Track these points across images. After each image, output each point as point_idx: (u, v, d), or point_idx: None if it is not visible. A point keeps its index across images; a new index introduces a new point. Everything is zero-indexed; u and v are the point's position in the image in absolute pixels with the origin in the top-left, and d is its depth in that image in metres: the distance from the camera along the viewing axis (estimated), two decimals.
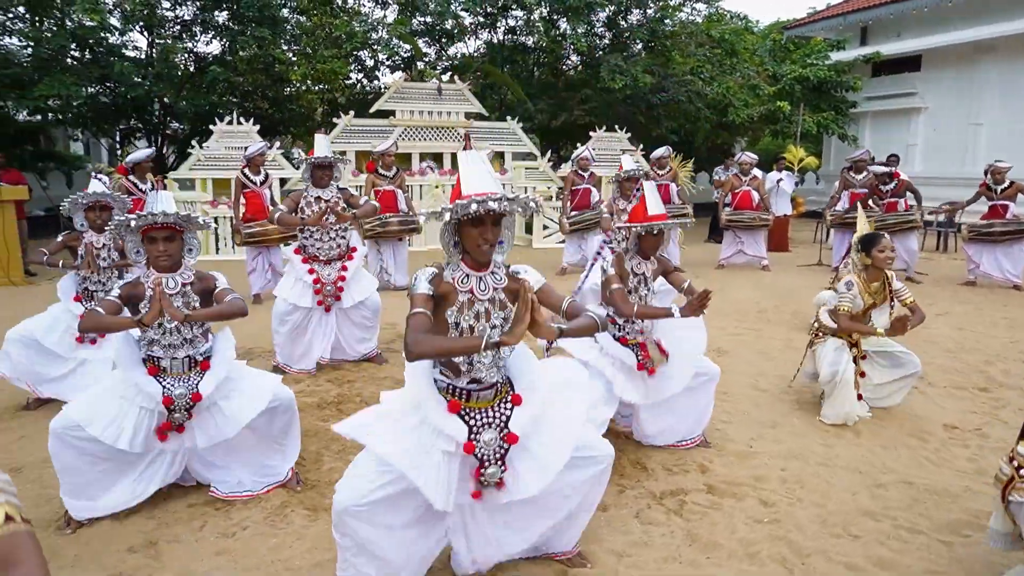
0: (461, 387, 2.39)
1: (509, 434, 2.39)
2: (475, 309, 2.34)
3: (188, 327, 3.09)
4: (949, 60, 15.77)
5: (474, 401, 2.40)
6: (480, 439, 2.34)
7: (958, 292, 8.47)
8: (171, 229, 3.05)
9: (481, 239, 2.26)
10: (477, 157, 2.35)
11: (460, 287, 2.33)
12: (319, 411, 4.42)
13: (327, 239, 5.05)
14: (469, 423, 2.35)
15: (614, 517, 3.12)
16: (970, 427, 4.18)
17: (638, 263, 3.55)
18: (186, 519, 3.09)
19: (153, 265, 3.08)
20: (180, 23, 13.14)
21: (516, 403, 2.44)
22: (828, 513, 3.17)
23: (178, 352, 3.09)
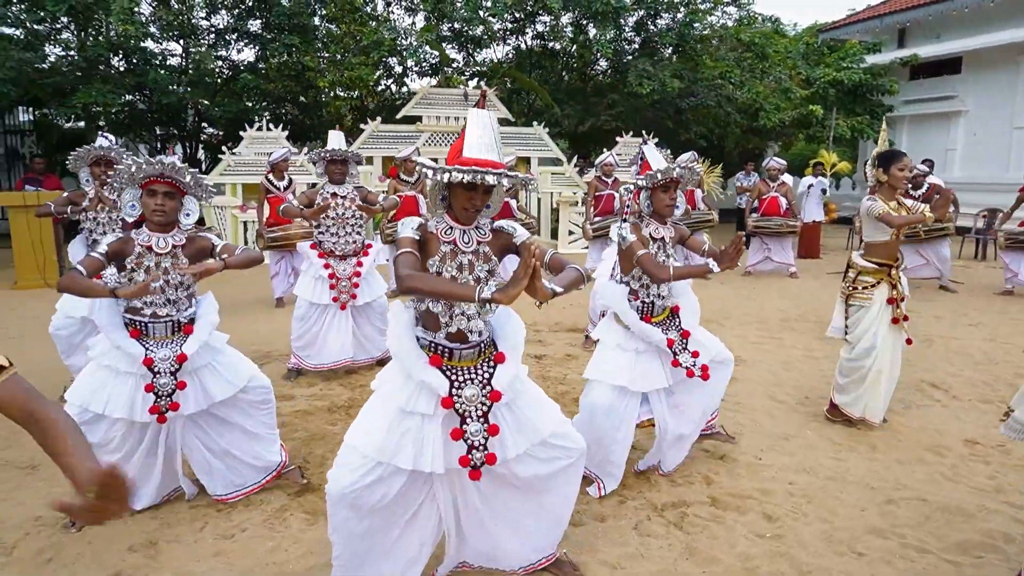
0: (442, 344, 2.37)
1: (492, 391, 2.37)
2: (458, 260, 2.34)
3: (173, 288, 3.06)
4: (990, 62, 15.31)
5: (456, 360, 2.38)
6: (462, 395, 2.33)
7: (993, 302, 8.19)
8: (172, 186, 3.03)
9: (468, 203, 2.29)
10: (487, 119, 2.32)
11: (443, 237, 2.34)
12: (328, 415, 4.46)
13: (343, 234, 5.11)
14: (451, 379, 2.34)
15: (612, 528, 3.08)
16: (993, 443, 4.03)
17: (655, 228, 3.38)
18: (188, 520, 3.14)
19: (147, 218, 3.03)
20: (215, 32, 13.46)
21: (499, 361, 2.43)
22: (834, 529, 3.08)
23: (161, 311, 3.05)
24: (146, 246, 3.02)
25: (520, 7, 13.06)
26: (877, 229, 4.08)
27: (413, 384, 2.32)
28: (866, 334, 4.09)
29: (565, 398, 4.75)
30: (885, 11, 17.41)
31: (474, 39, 14.22)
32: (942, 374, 5.30)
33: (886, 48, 17.35)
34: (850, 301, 4.15)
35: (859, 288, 4.11)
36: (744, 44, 14.15)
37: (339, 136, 5.25)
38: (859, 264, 4.14)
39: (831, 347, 6.11)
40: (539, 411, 2.53)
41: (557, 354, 5.83)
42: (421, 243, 2.29)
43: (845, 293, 4.19)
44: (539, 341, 6.26)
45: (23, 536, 2.97)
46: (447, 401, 2.30)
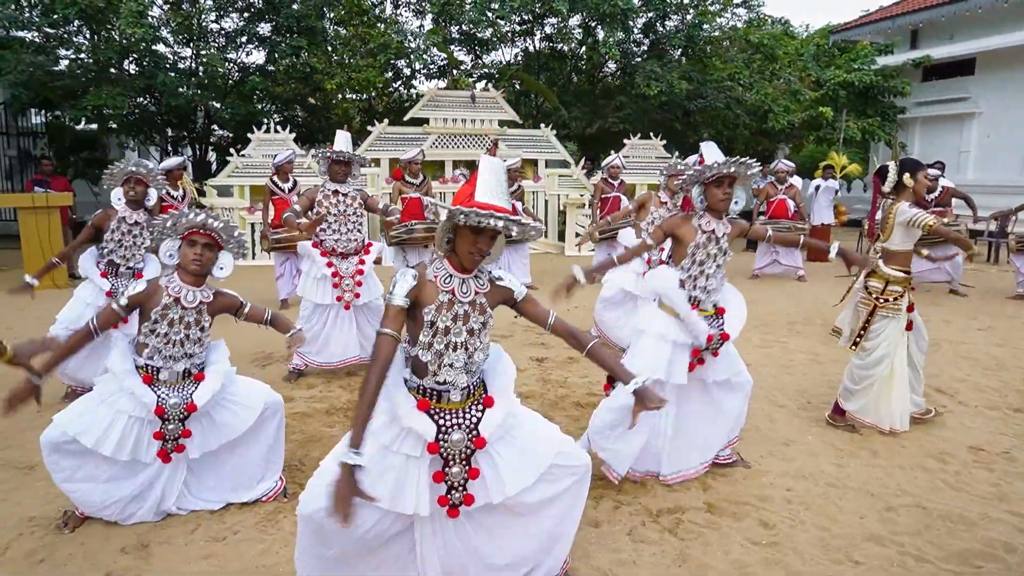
0: (431, 387, 2.35)
1: (477, 438, 2.35)
2: (454, 311, 2.31)
3: (191, 343, 3.10)
4: (1005, 63, 15.14)
5: (444, 402, 2.37)
6: (448, 439, 2.32)
7: (1005, 306, 8.08)
8: (212, 238, 3.08)
9: (474, 247, 2.27)
10: (499, 167, 2.35)
11: (442, 286, 2.31)
12: (327, 416, 4.46)
13: (344, 231, 5.11)
14: (438, 423, 2.33)
15: (606, 534, 3.05)
16: (997, 449, 3.96)
17: (707, 221, 3.32)
18: (181, 521, 3.13)
19: (183, 267, 3.07)
20: (224, 34, 13.54)
21: (488, 405, 2.41)
22: (831, 537, 3.04)
23: (177, 365, 3.09)
24: (175, 297, 3.04)
25: (528, 9, 13.05)
26: (908, 237, 4.00)
27: (398, 426, 2.30)
28: (884, 342, 4.03)
29: (565, 401, 4.73)
30: (897, 12, 17.27)
31: (482, 41, 14.23)
32: (949, 379, 5.23)
33: (898, 49, 17.21)
34: (879, 312, 4.04)
35: (890, 299, 4.02)
36: (753, 46, 14.07)
37: (346, 137, 5.26)
38: (889, 273, 4.03)
39: (835, 351, 6.04)
40: (538, 440, 2.48)
41: (559, 357, 5.80)
42: (416, 296, 2.28)
43: (872, 303, 4.06)
44: (541, 343, 6.23)
45: (16, 537, 2.98)
46: (433, 447, 2.30)
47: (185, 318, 3.06)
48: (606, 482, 3.51)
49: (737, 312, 3.51)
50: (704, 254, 3.32)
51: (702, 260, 3.32)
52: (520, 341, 6.32)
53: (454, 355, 2.32)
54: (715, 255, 3.33)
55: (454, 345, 2.32)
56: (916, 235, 3.98)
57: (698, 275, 3.33)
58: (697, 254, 3.31)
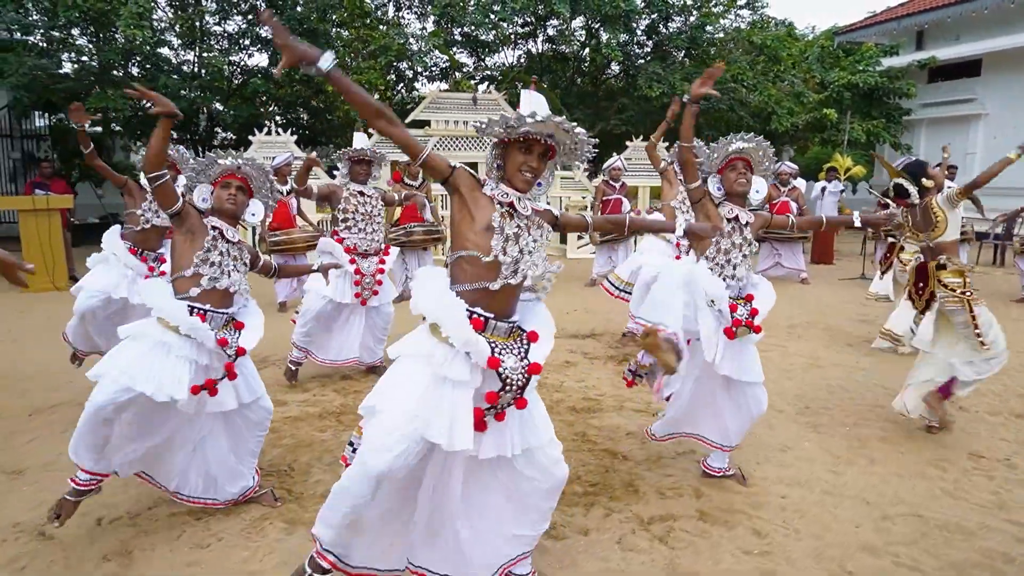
0: (480, 313, 2.28)
1: (531, 364, 2.31)
2: (517, 220, 2.31)
3: (242, 276, 3.11)
4: (1012, 64, 15.02)
5: (491, 333, 2.30)
6: (504, 362, 2.24)
7: (1010, 309, 7.99)
8: (245, 183, 3.12)
9: (525, 166, 2.28)
10: (540, 99, 2.34)
11: (500, 198, 2.30)
12: (319, 421, 4.42)
13: (369, 231, 5.13)
14: (491, 346, 2.26)
15: (595, 542, 3.00)
16: (998, 456, 3.89)
17: (730, 209, 3.27)
18: (166, 528, 3.10)
19: (218, 208, 3.06)
20: (227, 37, 13.57)
21: (532, 339, 2.38)
22: (825, 546, 2.98)
23: (231, 302, 3.11)
24: (219, 229, 3.03)
25: (530, 11, 13.02)
26: (955, 224, 4.11)
27: (446, 348, 2.20)
28: (995, 326, 4.03)
29: (560, 406, 4.68)
30: (903, 13, 17.16)
31: (484, 44, 14.21)
32: None
33: (904, 50, 17.10)
34: (975, 306, 3.99)
35: (971, 290, 4.04)
36: (757, 47, 14.00)
37: (363, 137, 5.29)
38: (961, 264, 4.10)
39: (836, 355, 5.99)
40: (541, 418, 2.49)
41: (556, 361, 5.75)
42: (469, 198, 2.27)
43: (960, 299, 4.01)
44: None
45: (0, 542, 2.95)
46: (494, 360, 2.21)
47: (231, 251, 3.07)
48: (597, 489, 3.47)
49: (765, 296, 3.37)
50: (729, 243, 3.25)
51: (727, 249, 3.25)
52: None
53: (531, 258, 2.33)
54: (740, 244, 3.26)
55: (528, 251, 2.32)
56: (959, 220, 4.12)
57: (724, 263, 3.27)
58: (722, 243, 3.24)
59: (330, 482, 3.54)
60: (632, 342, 6.15)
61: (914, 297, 4.41)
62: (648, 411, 4.58)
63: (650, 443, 4.05)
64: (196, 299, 2.97)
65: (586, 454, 3.89)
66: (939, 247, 4.15)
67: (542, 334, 2.41)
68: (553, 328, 2.47)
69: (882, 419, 4.46)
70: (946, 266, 4.09)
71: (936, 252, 4.16)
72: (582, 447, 3.98)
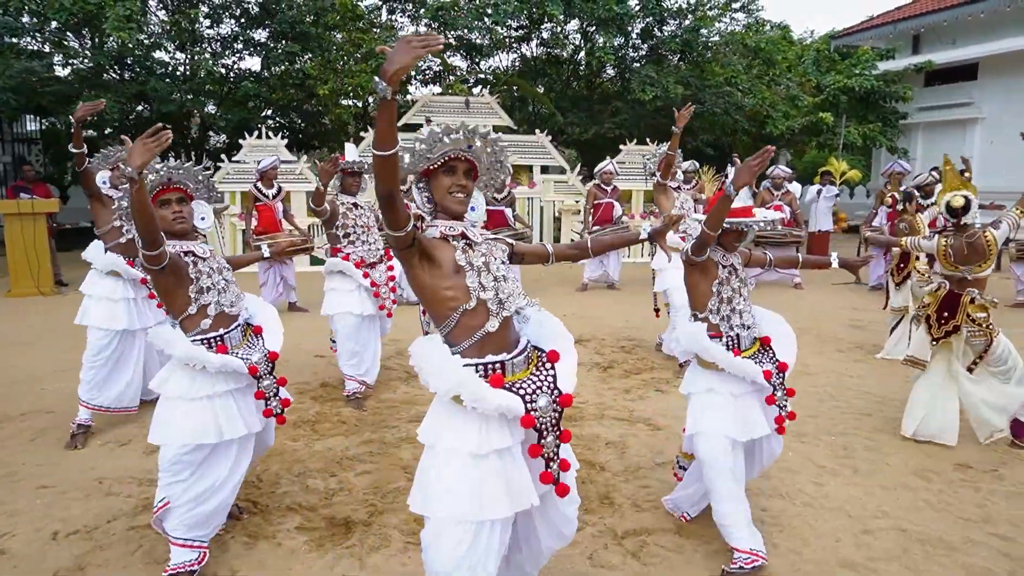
0: (491, 362, 2.08)
1: (562, 396, 2.12)
2: (478, 249, 2.13)
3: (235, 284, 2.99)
4: (1008, 68, 14.97)
5: (511, 374, 2.10)
6: (537, 407, 2.06)
7: (1004, 315, 7.89)
8: (182, 191, 2.87)
9: (454, 186, 2.10)
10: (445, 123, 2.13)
11: (450, 233, 2.12)
12: (293, 429, 4.32)
13: (371, 240, 5.02)
14: (519, 394, 2.05)
15: (565, 557, 2.90)
16: (985, 467, 3.79)
17: (723, 255, 3.04)
18: (122, 542, 3.00)
19: (170, 231, 2.81)
20: (220, 40, 13.51)
21: (553, 360, 2.18)
22: (802, 562, 2.88)
23: (240, 311, 2.97)
24: (191, 253, 2.83)
25: (523, 14, 12.97)
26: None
27: (476, 420, 2.04)
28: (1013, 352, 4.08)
29: None
30: (899, 16, 17.11)
31: (479, 47, 14.15)
32: None
33: (900, 54, 17.05)
34: (995, 339, 4.04)
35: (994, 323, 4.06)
36: (751, 50, 13.94)
37: (353, 148, 5.19)
38: (987, 301, 4.04)
39: (826, 362, 5.90)
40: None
41: None
42: (426, 252, 2.05)
43: (986, 334, 4.03)
44: None
45: None
46: (528, 419, 2.03)
47: (212, 266, 2.89)
48: None
49: (784, 338, 3.16)
50: (729, 290, 3.00)
51: (729, 296, 3.00)
52: None
53: (507, 286, 2.13)
54: (739, 288, 3.04)
55: (504, 277, 2.14)
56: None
57: (730, 313, 3.00)
58: (723, 291, 2.99)
59: (298, 494, 3.48)
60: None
61: (933, 325, 4.16)
62: (630, 420, 4.49)
63: (629, 453, 3.97)
64: (210, 330, 2.83)
65: None
66: (976, 281, 4.00)
67: (562, 349, 2.22)
68: (570, 336, 2.29)
69: (869, 428, 4.36)
70: (975, 300, 3.98)
71: (968, 284, 4.01)
72: None
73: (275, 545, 2.99)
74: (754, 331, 3.04)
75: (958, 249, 4.00)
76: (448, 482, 2.03)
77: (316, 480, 3.62)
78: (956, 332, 4.03)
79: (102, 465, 3.78)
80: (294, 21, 12.20)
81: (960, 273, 4.02)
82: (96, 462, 3.83)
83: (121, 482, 3.58)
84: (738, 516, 2.83)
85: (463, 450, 2.03)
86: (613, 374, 5.52)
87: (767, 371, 2.88)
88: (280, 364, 5.55)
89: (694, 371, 3.05)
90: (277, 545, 2.99)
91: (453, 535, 2.00)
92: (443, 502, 2.02)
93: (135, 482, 3.57)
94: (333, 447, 4.06)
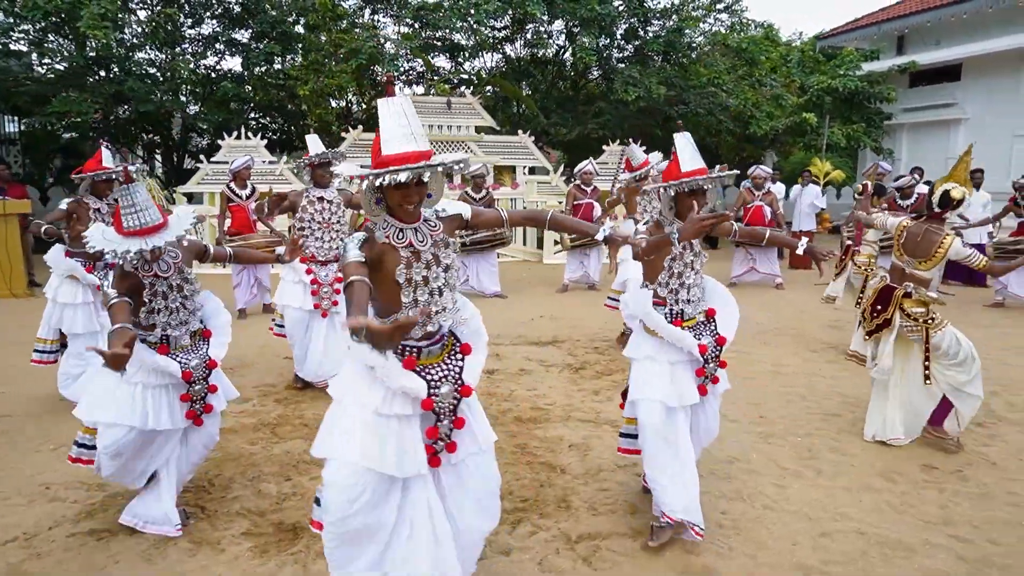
0: (412, 345, 2.23)
1: (463, 386, 2.29)
2: (423, 260, 2.21)
3: (192, 300, 3.07)
4: (991, 69, 15.01)
5: (426, 357, 2.25)
6: (439, 392, 2.22)
7: (983, 315, 7.88)
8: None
9: (405, 200, 2.15)
10: (398, 107, 2.10)
11: (398, 243, 2.19)
12: (252, 433, 4.24)
13: (327, 239, 4.98)
14: (426, 379, 2.21)
15: (514, 563, 2.83)
16: (951, 468, 3.75)
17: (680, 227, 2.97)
18: (61, 549, 2.92)
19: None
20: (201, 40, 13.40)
21: (466, 352, 2.33)
22: (756, 566, 2.82)
23: (191, 326, 3.07)
24: (151, 275, 2.93)
25: (505, 13, 12.91)
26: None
27: (384, 387, 2.16)
28: (963, 343, 3.88)
29: (506, 416, 4.51)
30: (884, 18, 17.15)
31: (462, 47, 14.09)
32: None
33: (885, 55, 17.08)
34: (934, 335, 3.86)
35: (935, 318, 3.89)
36: (733, 50, 13.92)
37: (316, 139, 5.19)
38: (928, 296, 3.89)
39: (800, 362, 5.85)
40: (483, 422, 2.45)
41: (511, 368, 5.59)
42: (373, 261, 2.13)
43: (922, 329, 3.88)
44: (496, 355, 6.01)
45: None
46: (427, 403, 2.19)
47: (173, 284, 2.98)
48: (528, 505, 3.31)
49: (728, 311, 3.15)
50: (681, 264, 3.00)
51: (680, 271, 3.00)
52: None
53: (442, 300, 2.25)
54: (691, 262, 3.03)
55: (439, 291, 2.24)
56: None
57: (678, 287, 3.01)
58: (674, 266, 2.99)
59: (249, 498, 3.40)
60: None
61: (866, 318, 4.13)
62: (596, 421, 4.42)
63: (591, 455, 3.90)
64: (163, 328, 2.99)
65: (523, 467, 3.72)
66: (916, 276, 3.91)
67: (474, 344, 2.36)
68: (486, 337, 2.42)
69: (836, 429, 4.31)
70: (911, 295, 3.90)
71: (907, 278, 3.92)
72: (520, 460, 3.81)
73: (218, 551, 2.91)
74: (701, 305, 3.09)
75: (913, 236, 3.94)
76: (349, 431, 2.16)
77: (269, 484, 3.54)
78: (888, 326, 3.94)
79: (52, 470, 3.69)
80: (275, 21, 12.11)
81: (902, 263, 3.97)
82: (46, 467, 3.74)
83: (68, 487, 3.49)
84: (666, 479, 2.91)
85: (368, 406, 2.16)
86: (584, 375, 5.45)
87: (703, 345, 2.96)
88: (246, 366, 5.54)
89: (638, 336, 3.11)
90: (220, 551, 2.91)
91: (347, 479, 2.10)
92: (341, 446, 2.15)
93: (83, 487, 3.49)
94: (291, 450, 3.98)
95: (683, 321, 3.00)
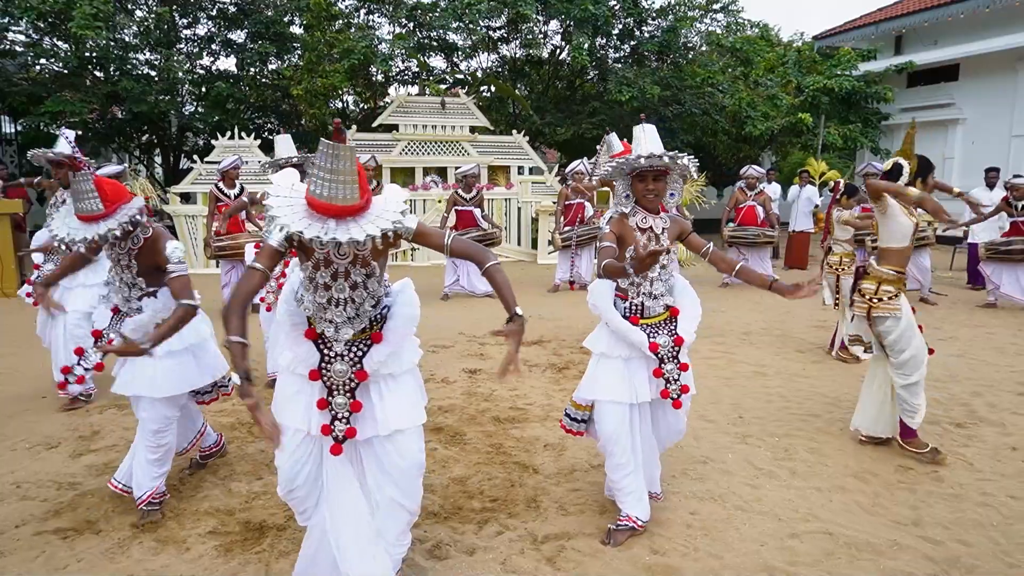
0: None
1: (359, 371, 2.39)
2: (337, 263, 2.33)
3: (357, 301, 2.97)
4: (988, 69, 14.95)
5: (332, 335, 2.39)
6: (331, 368, 2.38)
7: (974, 315, 7.85)
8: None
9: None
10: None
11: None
12: (229, 432, 4.23)
13: None
14: (323, 352, 2.39)
15: (477, 562, 2.82)
16: (926, 469, 3.72)
17: (643, 218, 2.93)
18: (26, 548, 2.91)
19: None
20: (196, 41, 13.42)
21: (375, 341, 2.42)
22: (722, 567, 2.80)
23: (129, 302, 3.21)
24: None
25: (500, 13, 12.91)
26: (896, 234, 3.85)
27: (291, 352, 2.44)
28: (913, 340, 3.84)
29: (484, 416, 4.51)
30: (881, 17, 17.10)
31: (457, 48, 14.08)
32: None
33: (883, 55, 17.02)
34: (875, 313, 3.83)
35: (884, 299, 3.82)
36: (728, 50, 13.90)
37: (286, 140, 5.17)
38: (881, 272, 3.85)
39: (784, 363, 5.83)
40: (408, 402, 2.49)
41: (493, 368, 5.58)
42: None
43: (866, 305, 3.86)
44: (480, 355, 6.00)
45: None
46: (314, 374, 2.38)
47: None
48: (497, 505, 3.30)
49: (690, 313, 3.09)
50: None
51: None
52: (459, 352, 6.09)
53: (336, 310, 2.35)
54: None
55: (336, 300, 2.34)
56: (903, 233, 3.84)
57: (640, 280, 2.95)
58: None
59: (218, 497, 3.39)
60: None
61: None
62: None
63: (566, 455, 3.89)
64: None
65: (496, 467, 3.71)
66: (881, 249, 3.92)
67: (387, 336, 2.42)
68: (411, 319, 2.47)
69: (814, 429, 4.29)
70: (868, 272, 3.91)
71: (880, 255, 3.93)
72: (494, 460, 3.80)
73: (182, 551, 2.90)
74: (664, 300, 3.03)
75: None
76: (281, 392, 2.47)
77: (240, 483, 3.54)
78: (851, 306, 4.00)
79: (24, 468, 3.69)
80: (270, 21, 12.12)
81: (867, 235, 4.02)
82: (18, 465, 3.74)
83: (40, 486, 3.49)
84: (626, 483, 2.98)
85: (283, 365, 2.49)
86: (567, 375, 5.44)
87: (654, 343, 2.92)
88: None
89: (600, 328, 3.08)
90: (185, 550, 2.91)
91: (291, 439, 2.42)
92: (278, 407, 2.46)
93: (54, 486, 3.48)
94: (266, 450, 3.96)
95: (641, 317, 2.96)
